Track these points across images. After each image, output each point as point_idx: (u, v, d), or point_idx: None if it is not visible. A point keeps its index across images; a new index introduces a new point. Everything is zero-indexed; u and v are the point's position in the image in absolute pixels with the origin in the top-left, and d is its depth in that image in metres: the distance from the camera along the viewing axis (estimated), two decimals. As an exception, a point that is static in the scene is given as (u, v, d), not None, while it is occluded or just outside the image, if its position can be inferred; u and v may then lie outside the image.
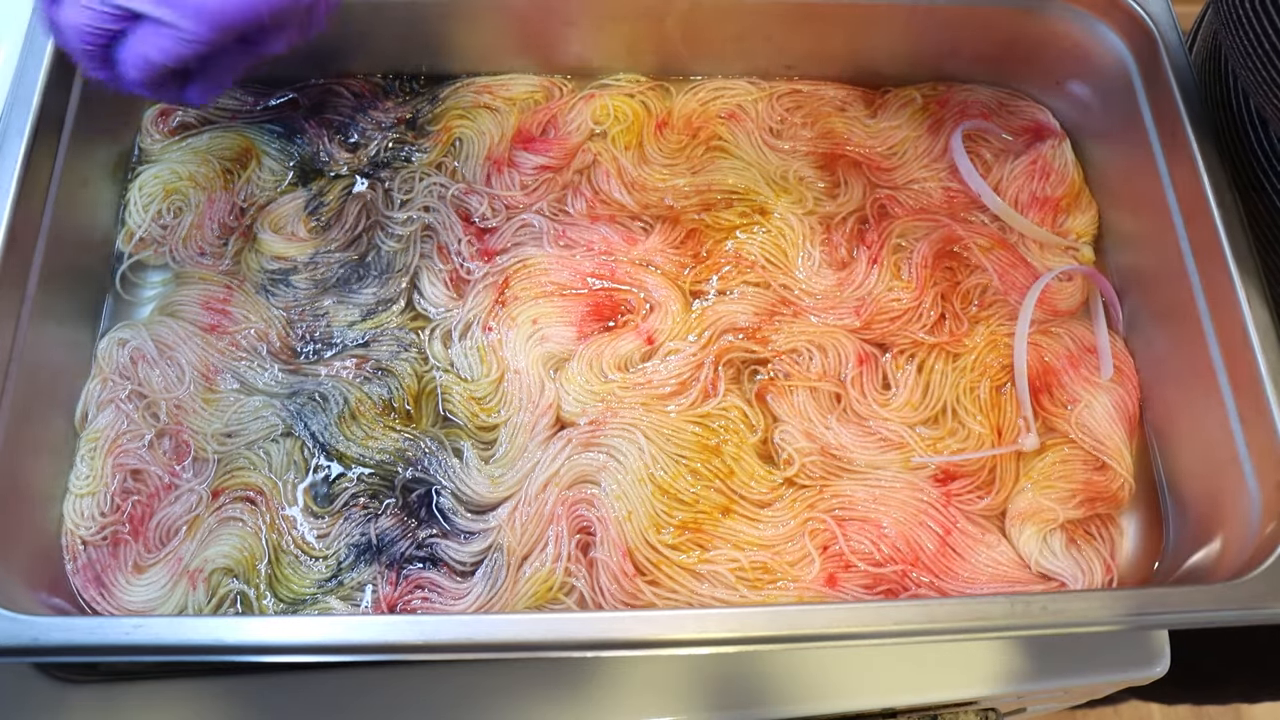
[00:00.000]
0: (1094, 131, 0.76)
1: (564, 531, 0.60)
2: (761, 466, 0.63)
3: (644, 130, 0.75)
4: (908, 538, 0.61)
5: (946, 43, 0.76)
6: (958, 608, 0.50)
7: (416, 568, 0.60)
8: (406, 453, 0.63)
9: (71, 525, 0.60)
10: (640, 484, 0.62)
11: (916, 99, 0.77)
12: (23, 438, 0.58)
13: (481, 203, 0.71)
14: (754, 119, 0.76)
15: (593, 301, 0.68)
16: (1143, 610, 0.51)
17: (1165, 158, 0.67)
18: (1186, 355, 0.64)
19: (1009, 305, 0.69)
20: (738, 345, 0.67)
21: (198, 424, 0.63)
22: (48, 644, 0.48)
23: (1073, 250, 0.73)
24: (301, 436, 0.63)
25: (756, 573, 0.60)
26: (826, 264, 0.71)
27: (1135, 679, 0.63)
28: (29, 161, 0.60)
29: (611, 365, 0.66)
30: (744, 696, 0.60)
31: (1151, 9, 0.69)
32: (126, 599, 0.59)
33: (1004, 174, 0.75)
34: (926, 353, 0.67)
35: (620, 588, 0.59)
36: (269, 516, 0.61)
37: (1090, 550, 0.63)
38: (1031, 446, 0.65)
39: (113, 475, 0.61)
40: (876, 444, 0.64)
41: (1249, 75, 0.56)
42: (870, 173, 0.75)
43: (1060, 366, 0.67)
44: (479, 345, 0.66)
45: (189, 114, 0.72)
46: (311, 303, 0.68)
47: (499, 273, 0.69)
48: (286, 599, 0.59)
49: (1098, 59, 0.73)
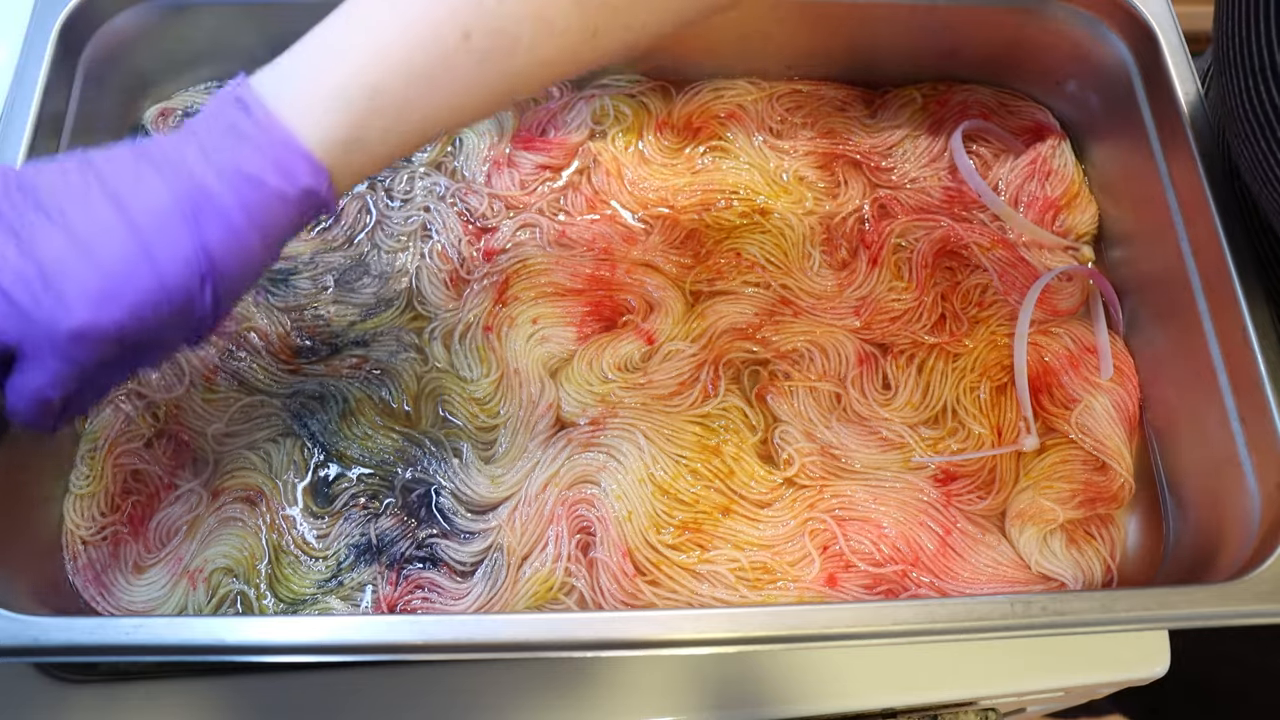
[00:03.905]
0: (1094, 131, 0.76)
1: (564, 531, 0.60)
2: (761, 466, 0.63)
3: (644, 130, 0.75)
4: (908, 538, 0.61)
5: (946, 43, 0.76)
6: (958, 608, 0.50)
7: (416, 568, 0.60)
8: (406, 453, 0.63)
9: (71, 525, 0.60)
10: (640, 484, 0.62)
11: (916, 99, 0.77)
12: (23, 438, 0.57)
13: (481, 202, 0.71)
14: (754, 119, 0.76)
15: (593, 301, 0.68)
16: (1143, 610, 0.51)
17: (1165, 158, 0.67)
18: (1186, 355, 0.64)
19: (1009, 305, 0.69)
20: (738, 345, 0.67)
21: (198, 424, 0.63)
22: (48, 644, 0.48)
23: (1073, 250, 0.73)
24: (301, 436, 0.63)
25: (756, 573, 0.60)
26: (826, 264, 0.71)
27: (1135, 679, 0.63)
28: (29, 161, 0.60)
29: (611, 365, 0.66)
30: (744, 696, 0.60)
31: (1152, 9, 0.69)
32: (126, 599, 0.59)
33: (1004, 174, 0.75)
34: (927, 353, 0.67)
35: (620, 588, 0.59)
36: (269, 516, 0.61)
37: (1090, 550, 0.63)
38: (1031, 447, 0.65)
39: (113, 475, 0.61)
40: (877, 444, 0.65)
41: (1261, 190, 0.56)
42: (870, 173, 0.75)
43: (1060, 367, 0.67)
44: (479, 345, 0.66)
45: (189, 114, 0.72)
46: (311, 303, 0.68)
47: (499, 273, 0.69)
48: (286, 599, 0.59)
49: (1098, 59, 0.73)
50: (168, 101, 0.73)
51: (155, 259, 0.41)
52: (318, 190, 0.44)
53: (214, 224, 0.42)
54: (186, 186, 0.42)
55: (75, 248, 0.40)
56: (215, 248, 0.42)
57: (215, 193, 0.42)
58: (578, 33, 0.45)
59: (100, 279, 0.40)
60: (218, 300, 0.44)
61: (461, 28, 0.43)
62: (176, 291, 0.42)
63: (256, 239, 0.43)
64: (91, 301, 0.40)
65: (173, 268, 0.41)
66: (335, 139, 0.43)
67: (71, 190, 0.42)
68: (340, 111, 0.43)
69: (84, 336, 0.41)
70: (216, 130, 0.43)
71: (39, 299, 0.40)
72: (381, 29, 0.43)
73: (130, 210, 0.41)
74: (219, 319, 0.45)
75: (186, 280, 0.42)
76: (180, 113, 0.72)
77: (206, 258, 0.42)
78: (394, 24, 0.43)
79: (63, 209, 0.41)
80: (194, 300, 0.43)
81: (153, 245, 0.41)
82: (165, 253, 0.41)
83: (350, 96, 0.43)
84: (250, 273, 0.45)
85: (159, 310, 0.42)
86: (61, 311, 0.40)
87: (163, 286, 0.41)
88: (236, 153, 0.42)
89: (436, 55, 0.43)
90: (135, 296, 0.41)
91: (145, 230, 0.41)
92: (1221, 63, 0.55)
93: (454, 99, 0.45)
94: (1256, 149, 0.53)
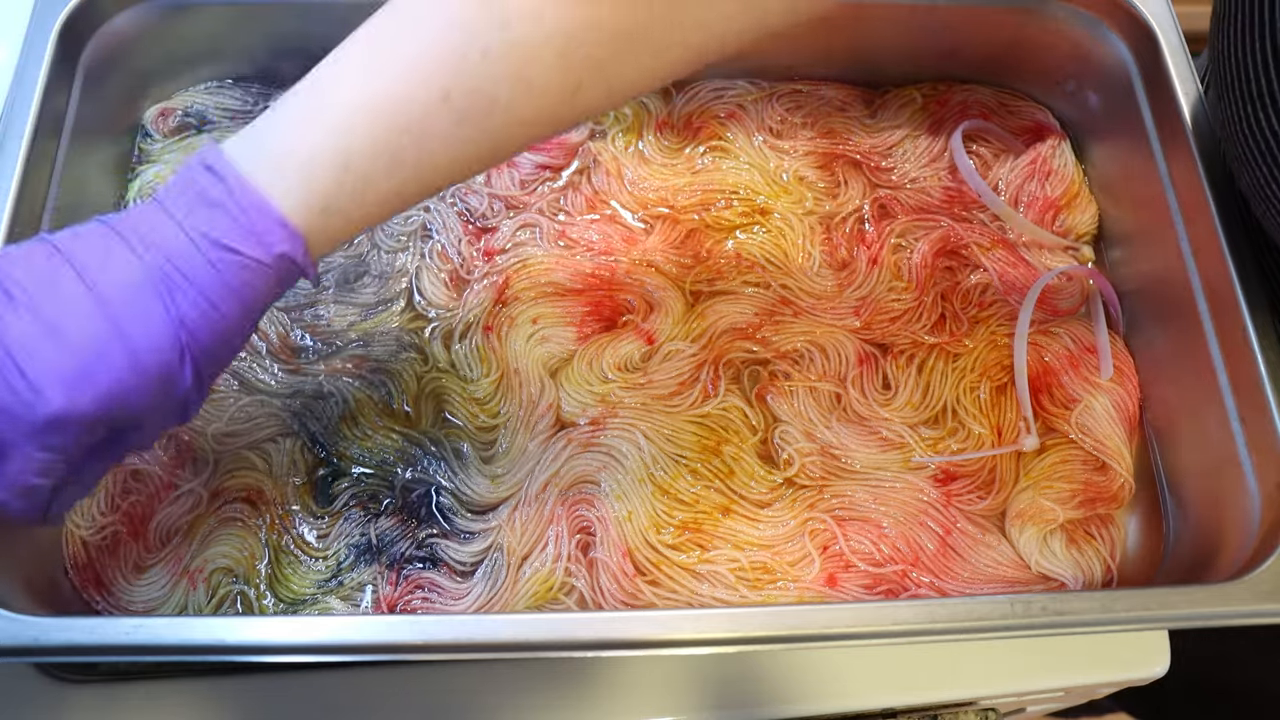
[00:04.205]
0: (1094, 131, 0.76)
1: (564, 532, 0.60)
2: (761, 467, 0.63)
3: (644, 130, 0.75)
4: (908, 538, 0.61)
5: (946, 43, 0.76)
6: (958, 608, 0.50)
7: (416, 568, 0.60)
8: (406, 453, 0.63)
9: (71, 525, 0.60)
10: (640, 484, 0.62)
11: (916, 99, 0.77)
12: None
13: (481, 202, 0.71)
14: (754, 119, 0.76)
15: (593, 301, 0.68)
16: (1143, 610, 0.51)
17: (1165, 158, 0.67)
18: (1186, 355, 0.64)
19: (1009, 305, 0.69)
20: (738, 345, 0.67)
21: (198, 424, 0.63)
22: (48, 644, 0.48)
23: (1073, 250, 0.73)
24: (301, 436, 0.63)
25: (756, 573, 0.60)
26: (826, 264, 0.71)
27: (1135, 679, 0.63)
28: (29, 161, 0.60)
29: (611, 365, 0.66)
30: (744, 696, 0.60)
31: (1152, 9, 0.69)
32: (126, 599, 0.59)
33: (1004, 174, 0.75)
34: (927, 353, 0.67)
35: (620, 588, 0.59)
36: (269, 516, 0.61)
37: (1090, 550, 0.63)
38: (1031, 447, 0.65)
39: (113, 475, 0.61)
40: (877, 444, 0.64)
41: (1265, 211, 0.55)
42: (870, 173, 0.75)
43: (1060, 366, 0.67)
44: (479, 345, 0.66)
45: (189, 114, 0.72)
46: (311, 303, 0.68)
47: (499, 273, 0.69)
48: (286, 599, 0.59)
49: (1098, 59, 0.73)
50: (168, 101, 0.73)
51: (128, 336, 0.40)
52: (294, 256, 0.42)
53: (189, 296, 0.41)
54: (157, 258, 0.41)
55: (44, 330, 0.39)
56: (192, 320, 0.41)
57: (189, 263, 0.41)
58: (557, 93, 0.43)
59: (72, 361, 0.39)
60: (199, 375, 0.42)
61: (441, 88, 0.41)
62: (153, 369, 0.41)
63: (235, 309, 0.42)
64: (65, 385, 0.39)
65: (147, 344, 0.40)
66: (310, 205, 0.42)
67: (37, 271, 0.40)
68: (315, 177, 0.41)
69: (61, 422, 0.39)
70: (187, 199, 0.42)
71: (11, 386, 0.39)
72: (359, 90, 0.42)
73: (99, 287, 0.40)
74: (203, 394, 0.44)
75: (163, 356, 0.41)
76: (180, 113, 0.72)
77: (184, 331, 0.41)
78: (371, 84, 0.42)
79: (28, 291, 0.40)
80: (174, 376, 0.41)
81: (125, 322, 0.40)
82: (139, 329, 0.40)
83: (325, 161, 0.41)
84: (230, 345, 0.43)
85: (138, 389, 0.40)
86: (34, 396, 0.39)
87: (137, 365, 0.40)
88: (209, 221, 0.41)
89: (416, 116, 0.42)
90: (110, 376, 0.40)
91: (116, 306, 0.40)
92: (1220, 87, 0.55)
93: (432, 159, 0.43)
94: (1257, 174, 0.53)
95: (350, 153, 0.42)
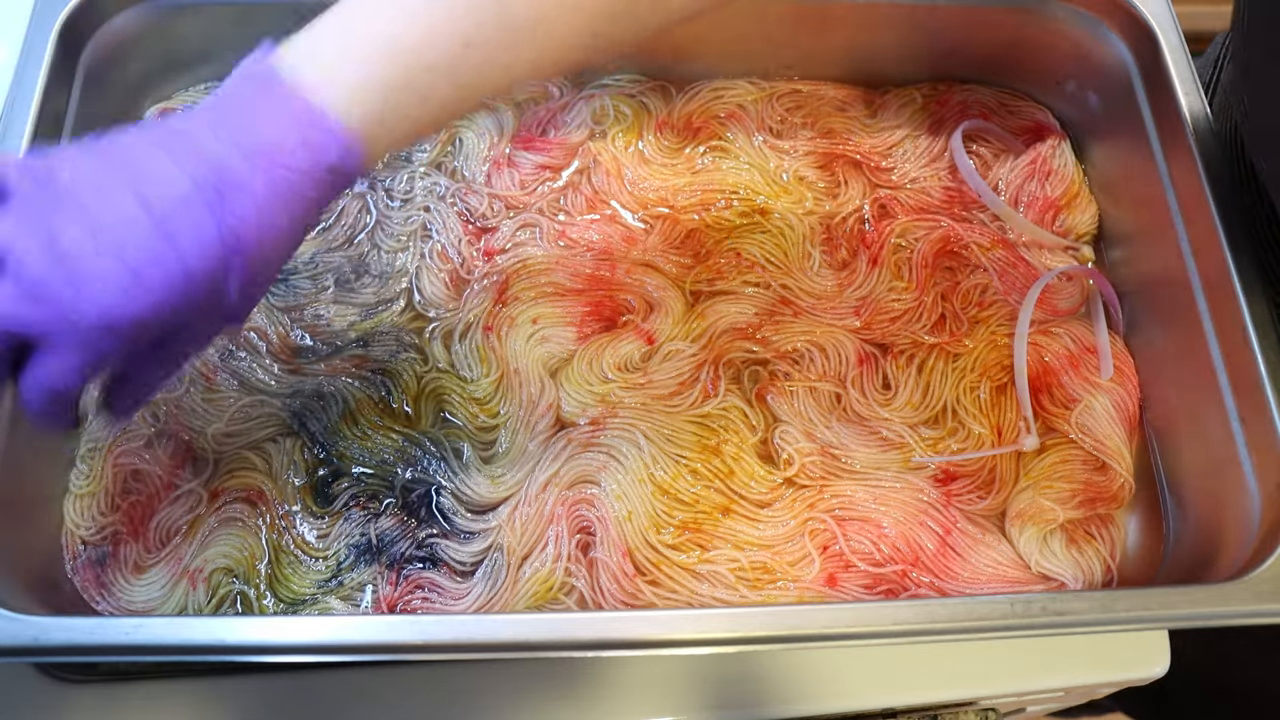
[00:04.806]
0: (1094, 131, 0.76)
1: (564, 531, 0.60)
2: (761, 466, 0.63)
3: (644, 130, 0.75)
4: (908, 538, 0.61)
5: (946, 43, 0.76)
6: (958, 608, 0.50)
7: (416, 568, 0.60)
8: (406, 453, 0.63)
9: (71, 525, 0.60)
10: (640, 484, 0.62)
11: (916, 99, 0.77)
12: (23, 437, 0.58)
13: (481, 202, 0.71)
14: (754, 119, 0.76)
15: (593, 301, 0.68)
16: (1143, 610, 0.51)
17: (1165, 158, 0.67)
18: (1186, 355, 0.64)
19: (1009, 305, 0.69)
20: (738, 345, 0.67)
21: (198, 424, 0.63)
22: (48, 644, 0.48)
23: (1073, 250, 0.73)
24: (301, 436, 0.63)
25: (756, 573, 0.60)
26: (826, 264, 0.71)
27: (1135, 679, 0.63)
28: (29, 161, 0.60)
29: (611, 365, 0.66)
30: (744, 696, 0.60)
31: (1152, 9, 0.69)
32: (126, 599, 0.59)
33: (1004, 174, 0.75)
34: (927, 353, 0.67)
35: (620, 588, 0.59)
36: (269, 516, 0.61)
37: (1090, 550, 0.63)
38: (1031, 447, 0.65)
39: (112, 475, 0.61)
40: (877, 444, 0.64)
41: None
42: (870, 173, 0.75)
43: (1060, 367, 0.67)
44: (479, 345, 0.66)
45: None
46: (311, 303, 0.68)
47: (499, 273, 0.69)
48: (286, 599, 0.59)
49: (1098, 59, 0.73)
50: (168, 101, 0.73)
51: (179, 247, 0.40)
52: (346, 165, 0.42)
53: (239, 206, 0.40)
54: (207, 169, 0.40)
55: (97, 239, 0.39)
56: (242, 230, 0.41)
57: (239, 173, 0.40)
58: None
59: (124, 269, 0.39)
60: (246, 284, 0.42)
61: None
62: (203, 277, 0.40)
63: (284, 219, 0.42)
64: (118, 291, 0.39)
65: (198, 253, 0.40)
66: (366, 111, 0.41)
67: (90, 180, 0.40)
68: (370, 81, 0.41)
69: (111, 326, 0.40)
70: (239, 106, 0.41)
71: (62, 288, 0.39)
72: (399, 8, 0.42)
73: (150, 198, 0.40)
74: (250, 304, 0.44)
75: (213, 265, 0.41)
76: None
77: (234, 241, 0.41)
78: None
79: (83, 201, 0.40)
80: (222, 286, 0.41)
81: (176, 233, 0.40)
82: (189, 239, 0.40)
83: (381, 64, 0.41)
84: (278, 255, 0.43)
85: (188, 297, 0.40)
86: (86, 303, 0.39)
87: (188, 273, 0.40)
88: (261, 129, 0.41)
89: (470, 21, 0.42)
90: (162, 283, 0.40)
91: (167, 218, 0.40)
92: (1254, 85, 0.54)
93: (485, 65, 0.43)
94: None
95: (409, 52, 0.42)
